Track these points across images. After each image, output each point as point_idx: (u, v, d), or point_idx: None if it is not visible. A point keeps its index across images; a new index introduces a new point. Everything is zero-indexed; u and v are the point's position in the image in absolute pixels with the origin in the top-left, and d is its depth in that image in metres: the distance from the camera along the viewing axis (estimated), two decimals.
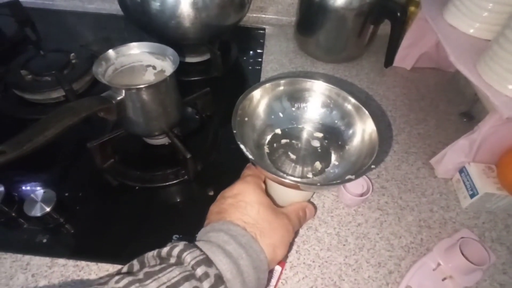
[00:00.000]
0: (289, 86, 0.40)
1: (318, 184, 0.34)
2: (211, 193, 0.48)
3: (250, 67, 0.73)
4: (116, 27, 0.80)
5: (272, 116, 0.41)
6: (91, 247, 0.42)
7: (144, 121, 0.45)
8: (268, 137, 0.40)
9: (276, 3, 0.84)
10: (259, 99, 0.39)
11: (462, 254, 0.40)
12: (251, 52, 0.76)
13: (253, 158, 0.32)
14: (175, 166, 0.50)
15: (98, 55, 0.65)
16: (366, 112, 0.35)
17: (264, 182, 0.36)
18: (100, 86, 0.61)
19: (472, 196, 0.48)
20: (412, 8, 0.74)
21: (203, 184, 0.49)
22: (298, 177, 0.37)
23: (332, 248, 0.45)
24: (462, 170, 0.51)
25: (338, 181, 0.32)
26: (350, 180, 0.31)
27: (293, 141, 0.40)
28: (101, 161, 0.48)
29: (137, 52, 0.46)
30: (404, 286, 0.41)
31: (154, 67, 0.48)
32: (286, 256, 0.43)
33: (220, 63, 0.65)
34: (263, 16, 0.86)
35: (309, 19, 0.71)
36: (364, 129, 0.36)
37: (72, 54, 0.63)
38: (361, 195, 0.48)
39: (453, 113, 0.66)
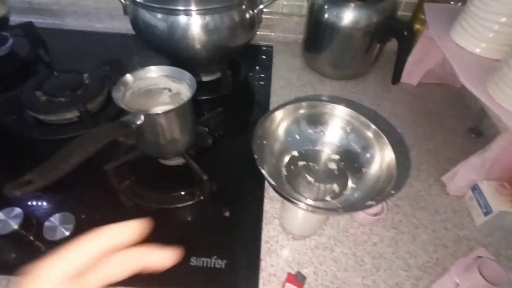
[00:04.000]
0: (310, 109, 0.40)
1: (340, 210, 0.34)
2: (227, 214, 0.48)
3: (258, 84, 0.74)
4: (126, 46, 0.81)
5: (289, 138, 0.41)
6: None
7: (162, 144, 0.45)
8: (286, 159, 0.41)
9: (283, 21, 0.86)
10: (280, 121, 0.39)
11: (480, 274, 0.40)
12: (259, 69, 0.78)
13: (275, 184, 0.32)
14: (190, 187, 0.50)
15: (110, 75, 0.67)
16: (386, 140, 0.36)
17: None
18: (112, 106, 0.63)
19: (486, 214, 0.48)
20: (417, 26, 0.76)
21: (218, 205, 0.49)
22: (316, 200, 0.38)
23: (349, 269, 0.45)
24: (474, 188, 0.51)
25: (360, 207, 0.32)
26: (371, 206, 0.31)
27: (310, 163, 0.41)
28: (117, 182, 0.49)
29: (154, 75, 0.47)
30: None
31: (169, 90, 0.49)
32: (304, 278, 0.43)
33: (231, 81, 0.66)
34: (270, 34, 0.88)
35: (317, 37, 0.73)
36: (382, 157, 0.36)
37: (85, 74, 0.64)
38: (376, 214, 0.48)
39: (461, 129, 0.67)
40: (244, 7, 0.61)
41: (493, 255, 0.46)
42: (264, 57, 0.82)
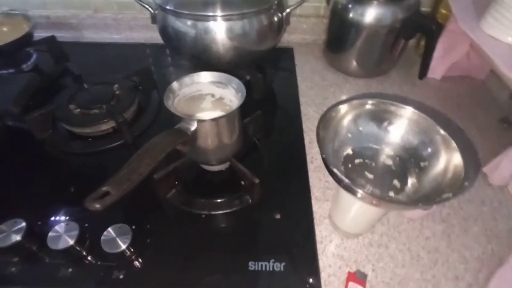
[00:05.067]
0: (374, 107, 0.40)
1: (420, 204, 0.34)
2: (278, 217, 0.48)
3: (285, 86, 0.74)
4: (149, 55, 0.82)
5: (349, 134, 0.41)
6: (166, 279, 0.42)
7: (212, 150, 0.45)
8: (342, 158, 0.41)
9: (301, 22, 0.86)
10: (343, 115, 0.40)
11: None
12: (283, 71, 0.78)
13: (349, 182, 0.32)
14: (236, 191, 0.50)
15: (139, 85, 0.67)
16: (454, 144, 0.35)
17: None
18: (144, 116, 0.63)
19: None
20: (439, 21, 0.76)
21: (267, 208, 0.49)
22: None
23: (407, 264, 0.44)
24: None
25: (435, 200, 0.32)
26: (448, 199, 0.31)
27: (367, 161, 0.41)
28: (164, 191, 0.48)
29: (199, 81, 0.47)
30: None
31: (212, 95, 0.49)
32: (364, 275, 0.42)
33: (262, 85, 0.67)
34: (289, 36, 0.88)
35: (341, 37, 0.73)
36: (449, 159, 0.36)
37: (116, 85, 0.64)
38: (425, 208, 0.48)
39: (491, 120, 0.67)
40: (273, 11, 0.62)
41: None
42: (286, 59, 0.82)
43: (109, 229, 0.41)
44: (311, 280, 0.42)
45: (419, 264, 0.45)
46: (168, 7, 0.58)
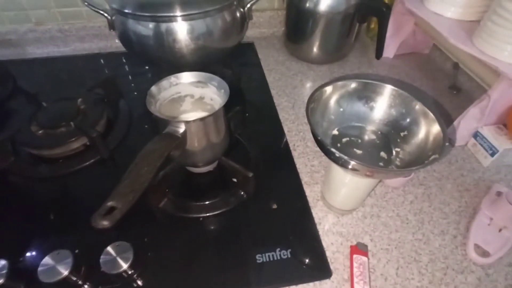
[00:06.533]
0: (354, 87, 0.42)
1: (414, 168, 0.36)
2: (275, 206, 0.49)
3: (255, 80, 0.75)
4: (104, 65, 0.77)
5: (332, 116, 0.43)
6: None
7: (201, 151, 0.44)
8: (330, 139, 0.43)
9: (258, 17, 0.88)
10: (328, 96, 0.41)
11: (510, 203, 0.46)
12: (250, 67, 0.79)
13: (348, 158, 0.34)
14: (229, 189, 0.50)
15: (104, 97, 0.63)
16: (432, 115, 0.38)
17: None
18: (116, 128, 0.60)
19: (492, 154, 0.55)
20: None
21: (263, 200, 0.50)
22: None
23: (399, 229, 0.48)
24: (476, 135, 0.58)
25: (423, 164, 0.35)
26: (436, 159, 0.34)
27: (353, 138, 0.43)
28: (157, 200, 0.47)
29: (177, 83, 0.45)
30: (472, 245, 0.45)
31: (192, 96, 0.48)
32: (365, 246, 0.45)
33: (233, 82, 0.66)
34: (248, 31, 0.88)
35: (299, 27, 0.75)
36: (427, 127, 0.39)
37: (79, 100, 0.59)
38: (405, 176, 0.52)
39: (442, 88, 0.74)
40: (234, 7, 0.62)
41: (506, 187, 0.53)
42: (249, 54, 0.83)
43: (108, 248, 0.39)
44: (318, 260, 0.43)
45: (409, 226, 0.48)
46: (126, 11, 0.56)
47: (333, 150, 0.34)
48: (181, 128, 0.40)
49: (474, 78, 0.71)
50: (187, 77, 0.45)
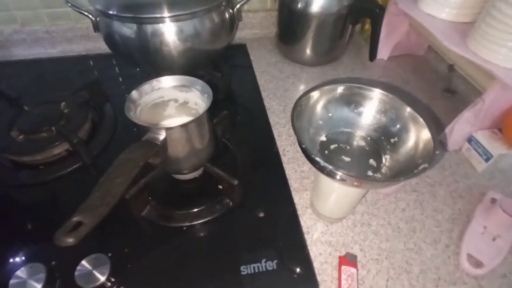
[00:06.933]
0: (344, 91, 0.41)
1: (401, 178, 0.35)
2: (261, 215, 0.47)
3: (245, 83, 0.73)
4: (91, 67, 0.75)
5: (321, 122, 0.42)
6: None
7: (184, 158, 0.43)
8: (318, 145, 0.41)
9: (250, 18, 0.86)
10: (315, 102, 0.40)
11: (504, 211, 0.44)
12: (241, 69, 0.77)
13: (333, 168, 0.32)
14: (215, 197, 0.48)
15: (89, 100, 0.62)
16: (421, 120, 0.37)
17: None
18: (101, 132, 0.58)
19: (487, 160, 0.54)
20: None
21: (250, 208, 0.48)
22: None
23: (390, 238, 0.46)
24: (470, 139, 0.56)
25: (413, 173, 0.33)
26: (426, 169, 0.33)
27: (341, 145, 0.42)
28: (139, 210, 0.45)
29: (160, 87, 0.44)
30: (465, 255, 0.44)
31: (176, 100, 0.46)
32: (354, 257, 0.43)
33: (222, 84, 0.65)
34: (241, 32, 0.87)
35: (292, 28, 0.74)
36: (418, 135, 0.37)
37: (63, 103, 0.58)
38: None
39: (436, 91, 0.73)
40: (223, 7, 0.60)
41: (503, 194, 0.52)
42: (241, 56, 0.81)
43: (83, 262, 0.37)
44: (305, 271, 0.42)
45: (401, 235, 0.47)
46: (111, 12, 0.54)
47: (317, 159, 0.33)
48: (161, 135, 0.38)
49: (469, 81, 0.70)
50: (169, 81, 0.44)
